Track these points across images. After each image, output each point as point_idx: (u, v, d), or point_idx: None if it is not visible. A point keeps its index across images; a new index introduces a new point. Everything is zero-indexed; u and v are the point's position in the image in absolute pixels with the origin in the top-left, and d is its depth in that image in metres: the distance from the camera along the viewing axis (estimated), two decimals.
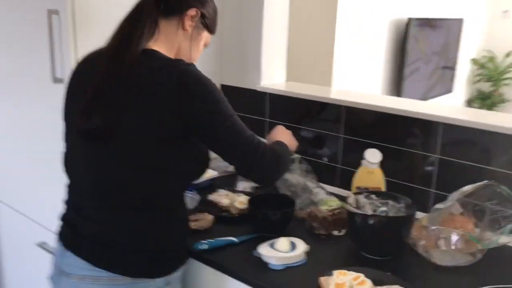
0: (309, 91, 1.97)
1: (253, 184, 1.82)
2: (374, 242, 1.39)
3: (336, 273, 1.23)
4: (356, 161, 1.79)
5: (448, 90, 5.20)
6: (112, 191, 1.21)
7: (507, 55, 5.78)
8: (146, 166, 1.19)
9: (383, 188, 1.59)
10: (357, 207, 1.46)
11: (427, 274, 1.33)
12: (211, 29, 1.34)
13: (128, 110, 1.16)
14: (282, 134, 1.43)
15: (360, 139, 1.80)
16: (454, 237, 1.32)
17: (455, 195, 1.37)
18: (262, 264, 1.35)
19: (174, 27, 1.26)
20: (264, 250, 1.37)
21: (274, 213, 1.50)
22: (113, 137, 1.16)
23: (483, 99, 5.91)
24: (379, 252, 1.40)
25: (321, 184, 1.74)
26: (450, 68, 5.12)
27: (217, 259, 1.38)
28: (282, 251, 1.37)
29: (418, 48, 4.39)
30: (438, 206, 1.44)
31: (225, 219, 1.59)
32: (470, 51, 5.67)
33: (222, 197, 1.70)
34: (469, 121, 1.55)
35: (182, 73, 1.16)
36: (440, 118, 1.60)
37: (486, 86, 5.95)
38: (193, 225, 1.50)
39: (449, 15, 4.85)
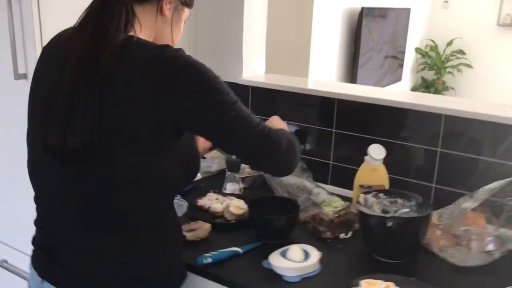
0: (294, 83, 1.86)
1: (242, 186, 1.69)
2: (390, 244, 1.30)
3: (363, 283, 1.13)
4: (348, 157, 1.71)
5: (398, 78, 5.28)
6: (97, 212, 1.03)
7: (448, 44, 5.95)
8: (137, 178, 1.01)
9: (387, 185, 1.51)
10: (366, 207, 1.37)
11: (447, 276, 1.26)
12: (190, 4, 1.16)
13: (114, 117, 0.95)
14: (280, 124, 1.28)
15: (355, 134, 1.71)
16: (489, 238, 1.26)
17: (480, 193, 1.31)
18: (274, 276, 1.23)
19: (152, 13, 1.08)
20: (277, 261, 1.25)
21: (279, 219, 1.38)
22: (97, 155, 0.96)
23: (427, 87, 6.06)
24: (394, 255, 1.31)
25: (319, 183, 1.64)
26: (398, 57, 5.19)
27: (225, 274, 1.24)
28: (296, 261, 1.25)
29: (371, 37, 4.39)
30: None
31: (220, 226, 1.45)
32: (415, 40, 5.79)
33: (213, 202, 1.55)
34: (470, 112, 1.50)
35: (171, 61, 0.97)
36: (442, 110, 1.53)
37: (429, 75, 6.11)
38: (188, 235, 1.35)
39: (398, 5, 4.90)
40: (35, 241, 1.15)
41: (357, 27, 4.16)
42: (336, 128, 1.73)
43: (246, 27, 1.86)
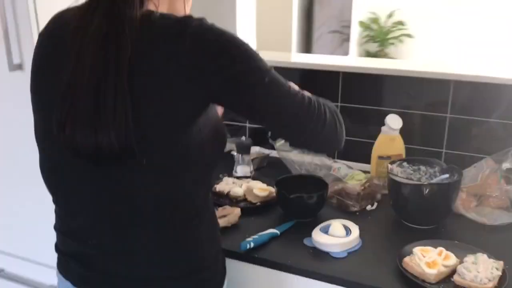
0: (289, 58, 1.83)
1: (252, 168, 1.65)
2: (425, 211, 1.32)
3: (417, 251, 1.14)
4: (353, 131, 1.71)
5: (346, 52, 5.38)
6: (133, 211, 0.93)
7: (389, 16, 6.11)
8: (178, 166, 0.91)
9: (404, 155, 1.53)
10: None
11: (481, 235, 1.30)
12: None
13: (147, 105, 0.85)
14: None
15: (359, 106, 1.72)
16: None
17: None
18: (321, 254, 1.22)
19: None
20: (321, 238, 1.23)
21: (310, 197, 1.35)
22: (135, 151, 0.85)
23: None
24: (428, 221, 1.34)
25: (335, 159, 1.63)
26: (345, 31, 5.28)
27: (272, 257, 1.21)
28: (340, 236, 1.24)
29: (323, 12, 4.43)
30: None
31: (248, 210, 1.41)
32: (359, 14, 5.89)
33: (232, 186, 1.51)
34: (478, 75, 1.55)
35: (199, 30, 0.86)
36: (450, 76, 1.57)
37: (373, 47, 6.25)
38: (221, 222, 1.30)
39: None
40: (59, 248, 1.05)
41: (310, 2, 4.18)
42: (341, 102, 1.72)
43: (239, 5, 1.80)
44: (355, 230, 1.27)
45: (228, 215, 1.33)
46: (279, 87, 0.93)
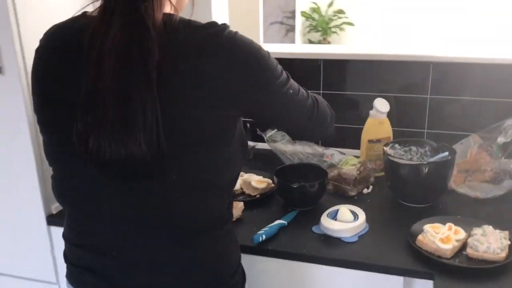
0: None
1: None
2: (423, 190, 1.36)
3: (428, 228, 1.17)
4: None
5: (292, 42, 5.42)
6: (162, 223, 0.89)
7: (329, 5, 6.23)
8: (208, 177, 0.88)
9: (391, 137, 1.56)
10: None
11: (479, 208, 1.35)
12: None
13: (178, 116, 0.81)
14: None
15: (338, 92, 1.74)
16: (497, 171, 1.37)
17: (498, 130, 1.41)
18: (332, 240, 1.22)
19: None
20: (332, 225, 1.23)
21: (312, 185, 1.35)
22: (166, 163, 0.81)
23: None
24: (426, 199, 1.38)
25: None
26: (289, 22, 5.33)
27: (285, 248, 1.20)
28: (349, 221, 1.25)
29: (270, 3, 4.44)
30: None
31: (249, 203, 1.39)
32: (302, 4, 5.96)
33: None
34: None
35: (230, 45, 0.84)
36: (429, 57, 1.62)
37: (316, 36, 6.36)
38: None
39: None
40: (70, 259, 1.00)
41: None
42: (324, 89, 1.74)
43: None
44: (361, 214, 1.28)
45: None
46: (298, 96, 0.97)
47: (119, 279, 0.94)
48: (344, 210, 1.27)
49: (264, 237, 1.21)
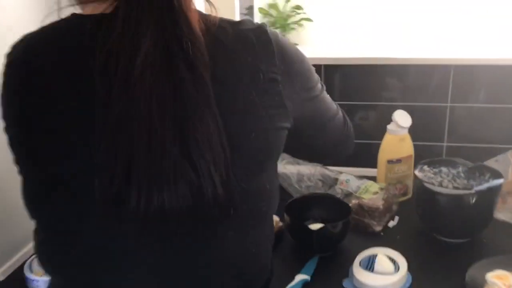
0: None
1: None
2: (464, 223, 1.12)
3: (493, 280, 0.93)
4: None
5: None
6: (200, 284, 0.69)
7: (287, 0, 6.01)
8: (258, 215, 0.71)
9: (413, 156, 1.32)
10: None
11: None
12: None
13: (240, 137, 0.64)
14: None
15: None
16: None
17: None
18: None
19: None
20: (370, 279, 0.97)
21: (334, 225, 1.09)
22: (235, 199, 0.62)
23: None
24: (466, 234, 1.14)
25: (331, 168, 1.37)
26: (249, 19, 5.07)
27: None
28: (388, 273, 0.99)
29: None
30: None
31: None
32: (260, 0, 5.70)
33: None
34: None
35: (276, 42, 0.69)
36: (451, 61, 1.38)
37: None
38: None
39: None
40: None
41: None
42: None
43: None
44: (401, 260, 1.02)
45: None
46: (330, 104, 0.85)
47: None
48: (383, 259, 1.01)
49: None
